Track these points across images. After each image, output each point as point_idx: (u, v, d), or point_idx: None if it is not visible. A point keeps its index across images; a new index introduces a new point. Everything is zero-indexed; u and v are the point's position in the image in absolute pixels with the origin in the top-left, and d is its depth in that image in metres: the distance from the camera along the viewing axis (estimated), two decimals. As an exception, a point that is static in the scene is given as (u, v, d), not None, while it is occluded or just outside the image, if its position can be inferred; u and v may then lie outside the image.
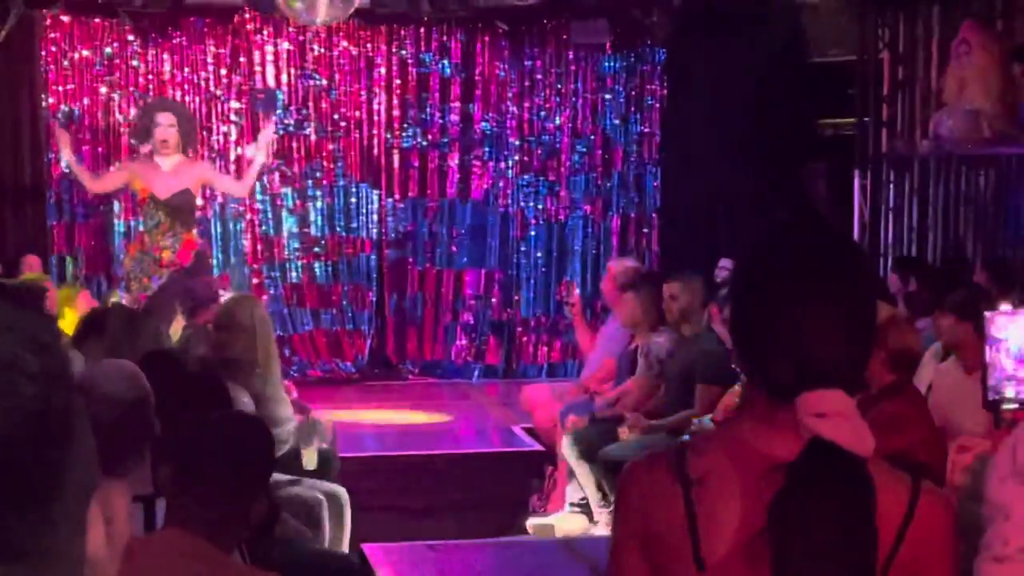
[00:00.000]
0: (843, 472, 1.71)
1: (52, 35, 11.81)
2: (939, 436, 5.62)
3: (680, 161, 12.24)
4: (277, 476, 5.64)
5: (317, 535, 6.31)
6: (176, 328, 7.79)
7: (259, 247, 12.43)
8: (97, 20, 11.89)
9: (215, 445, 3.21)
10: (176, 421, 3.74)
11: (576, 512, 8.01)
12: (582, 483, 7.85)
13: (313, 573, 5.48)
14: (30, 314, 0.86)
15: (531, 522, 8.08)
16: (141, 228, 10.29)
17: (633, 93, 12.68)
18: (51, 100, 11.83)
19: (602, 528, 7.48)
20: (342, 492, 6.67)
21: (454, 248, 12.72)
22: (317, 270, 12.56)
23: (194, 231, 10.31)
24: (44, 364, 0.83)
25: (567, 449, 7.91)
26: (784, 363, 1.82)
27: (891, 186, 11.24)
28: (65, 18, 11.76)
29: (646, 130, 12.70)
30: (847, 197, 11.35)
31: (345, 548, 6.52)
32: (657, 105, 12.65)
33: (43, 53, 11.71)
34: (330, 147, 12.53)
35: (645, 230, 12.74)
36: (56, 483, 0.82)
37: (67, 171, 9.76)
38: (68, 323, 8.02)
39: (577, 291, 10.29)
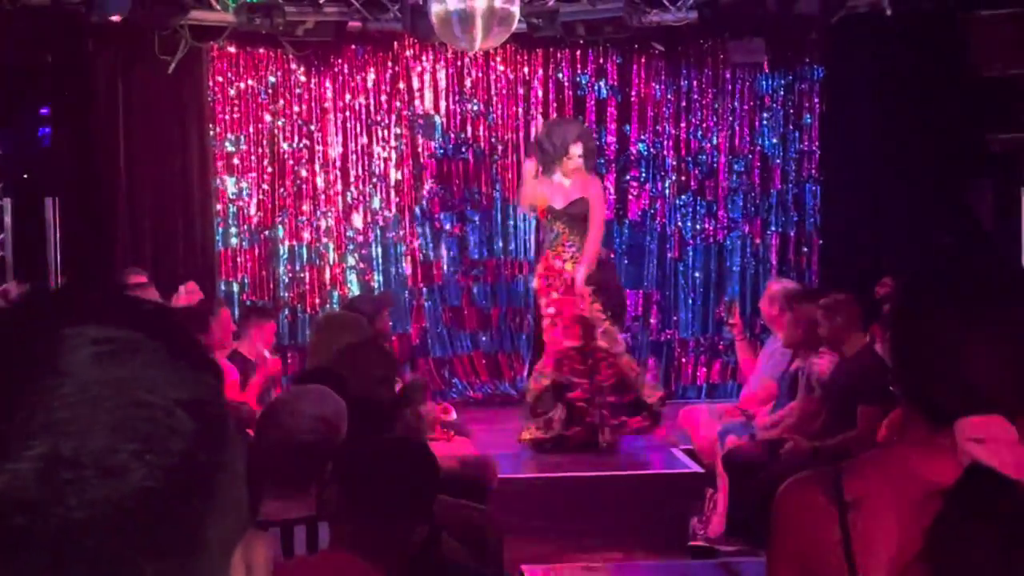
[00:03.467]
0: (1002, 498, 1.69)
1: (218, 65, 12.16)
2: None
3: (840, 179, 12.06)
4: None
5: (477, 556, 6.34)
6: None
7: (419, 270, 12.59)
8: (261, 50, 12.19)
9: (382, 469, 3.23)
10: (343, 444, 3.76)
11: (735, 534, 7.92)
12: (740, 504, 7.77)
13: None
14: (191, 369, 0.85)
15: (691, 544, 8.01)
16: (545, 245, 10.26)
17: (791, 111, 12.55)
18: (217, 129, 12.17)
19: (762, 550, 7.39)
20: None
21: (612, 269, 12.69)
22: (476, 293, 12.67)
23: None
24: (197, 423, 0.83)
25: (726, 470, 7.84)
26: (944, 387, 1.80)
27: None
28: (231, 49, 12.08)
29: (805, 148, 12.55)
30: (1014, 214, 11.05)
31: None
32: (816, 123, 12.49)
33: (210, 83, 12.06)
34: (488, 171, 12.64)
35: (805, 249, 12.57)
36: (198, 535, 0.82)
37: None
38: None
39: (738, 311, 10.18)
